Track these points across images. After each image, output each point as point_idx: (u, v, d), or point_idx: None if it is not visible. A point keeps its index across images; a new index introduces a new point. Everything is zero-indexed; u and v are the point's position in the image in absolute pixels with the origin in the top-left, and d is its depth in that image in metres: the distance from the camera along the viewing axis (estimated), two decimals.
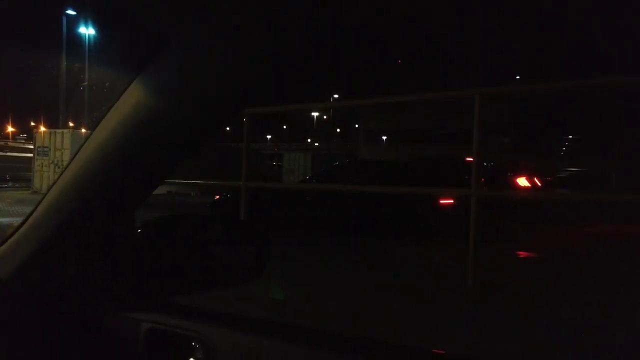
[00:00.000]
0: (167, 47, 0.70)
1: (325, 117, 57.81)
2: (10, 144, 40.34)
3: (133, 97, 0.76)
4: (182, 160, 0.86)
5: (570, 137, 21.85)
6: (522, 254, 5.71)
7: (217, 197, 7.97)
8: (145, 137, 0.78)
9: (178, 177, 5.52)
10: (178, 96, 0.73)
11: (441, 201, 6.59)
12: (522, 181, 9.34)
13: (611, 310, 3.01)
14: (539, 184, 9.95)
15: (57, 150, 14.90)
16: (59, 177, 0.88)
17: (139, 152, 0.81)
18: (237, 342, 0.82)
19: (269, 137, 56.66)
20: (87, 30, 21.22)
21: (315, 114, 55.90)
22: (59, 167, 14.36)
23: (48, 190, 0.89)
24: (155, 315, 0.89)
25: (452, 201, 6.48)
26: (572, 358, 2.30)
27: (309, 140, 56.61)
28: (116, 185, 0.85)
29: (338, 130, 57.12)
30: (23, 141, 42.40)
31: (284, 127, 58.44)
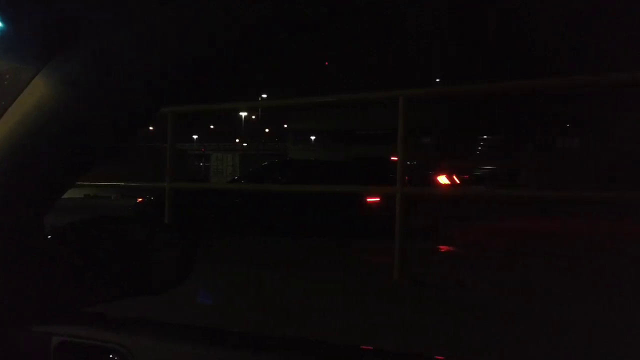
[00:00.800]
0: (77, 37, 0.65)
1: (253, 117, 57.33)
2: None
3: (38, 90, 0.69)
4: (95, 160, 0.80)
5: (485, 137, 23.34)
6: (444, 248, 6.00)
7: (140, 199, 7.64)
8: (51, 135, 0.72)
9: (98, 179, 5.20)
10: (87, 90, 0.68)
11: (368, 199, 6.77)
12: (442, 179, 9.84)
13: (531, 300, 3.24)
14: (457, 182, 10.53)
15: None
16: None
17: (45, 151, 0.74)
18: (158, 350, 0.77)
19: (195, 136, 55.15)
20: None
21: (243, 114, 55.25)
22: None
23: None
24: (66, 327, 0.82)
25: (378, 199, 6.67)
26: (497, 348, 2.44)
27: (237, 140, 55.83)
28: (20, 187, 0.77)
29: (267, 130, 56.89)
30: None
31: (211, 126, 57.17)
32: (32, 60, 0.68)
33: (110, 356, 0.78)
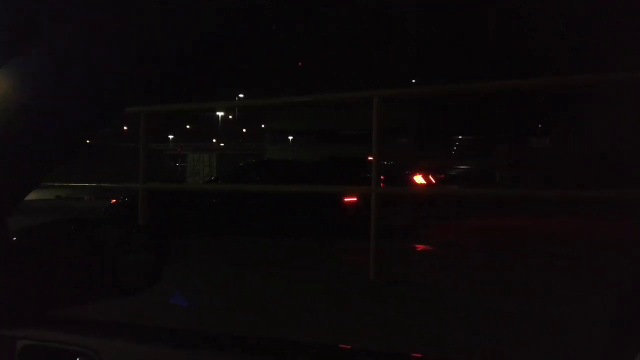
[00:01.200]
0: (37, 35, 0.64)
1: (230, 117, 56.84)
2: None
3: None
4: (60, 160, 0.79)
5: (460, 137, 23.69)
6: (420, 247, 6.07)
7: (114, 200, 7.51)
8: (13, 134, 0.70)
9: (70, 180, 5.09)
10: (48, 89, 0.66)
11: (345, 199, 6.79)
12: (418, 179, 9.95)
13: (510, 298, 3.31)
14: (433, 181, 10.67)
15: None
16: None
17: (6, 151, 0.72)
18: (128, 353, 0.76)
19: (171, 136, 54.37)
20: None
21: (220, 114, 54.72)
22: None
23: None
24: (32, 330, 0.80)
25: (355, 199, 6.70)
26: (475, 346, 2.48)
27: (214, 140, 55.27)
28: None
29: (244, 130, 56.49)
30: None
31: (188, 126, 56.47)
32: None
33: (78, 359, 0.77)
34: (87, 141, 0.83)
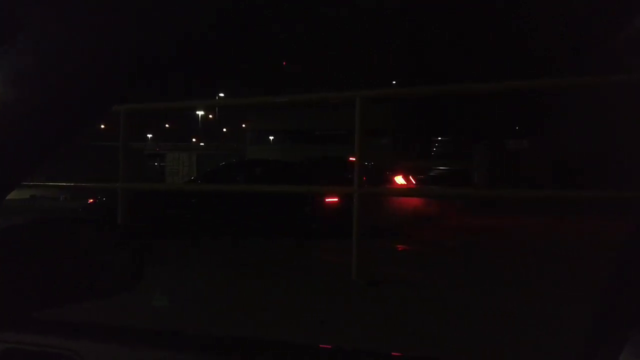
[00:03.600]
0: (19, 33, 0.62)
1: (210, 116, 56.33)
2: None
3: None
4: (42, 159, 0.77)
5: (440, 138, 23.92)
6: (401, 247, 6.11)
7: (91, 200, 7.37)
8: None
9: (46, 179, 4.97)
10: (31, 89, 0.65)
11: (327, 200, 6.80)
12: (399, 179, 10.02)
13: (491, 295, 3.35)
14: (413, 182, 10.75)
15: None
16: None
17: None
18: (110, 356, 0.75)
19: (150, 135, 53.61)
20: None
21: (200, 113, 54.18)
22: None
23: None
24: (11, 333, 0.78)
25: (337, 199, 6.72)
26: (458, 343, 2.51)
27: (194, 140, 54.69)
28: None
29: (224, 130, 56.05)
30: None
31: (166, 125, 55.77)
32: None
33: None
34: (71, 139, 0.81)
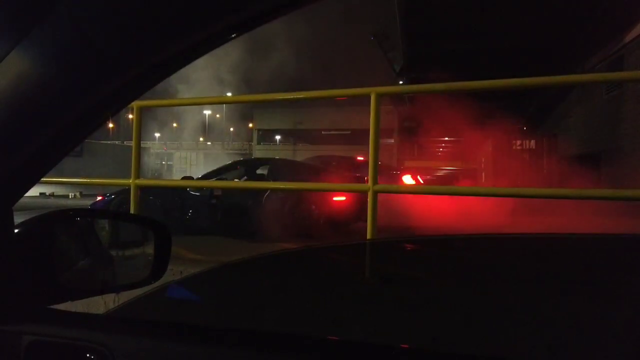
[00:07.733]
0: (54, 8, 0.59)
1: (218, 115, 56.51)
2: None
3: (13, 68, 0.64)
4: (70, 148, 0.75)
5: (446, 139, 23.82)
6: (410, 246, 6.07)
7: (100, 197, 7.39)
8: (26, 118, 0.66)
9: (56, 176, 4.99)
10: (69, 66, 0.62)
11: (334, 198, 6.78)
12: (407, 179, 9.99)
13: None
14: (421, 182, 10.72)
15: None
16: None
17: (18, 137, 0.68)
18: (138, 348, 0.73)
19: (157, 134, 53.84)
20: None
21: (207, 112, 54.35)
22: None
23: None
24: (38, 325, 0.77)
25: (344, 198, 6.69)
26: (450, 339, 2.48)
27: (201, 139, 54.88)
28: None
29: (232, 129, 56.19)
30: None
31: (174, 124, 55.97)
32: (5, 36, 0.62)
33: (88, 355, 0.73)
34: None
